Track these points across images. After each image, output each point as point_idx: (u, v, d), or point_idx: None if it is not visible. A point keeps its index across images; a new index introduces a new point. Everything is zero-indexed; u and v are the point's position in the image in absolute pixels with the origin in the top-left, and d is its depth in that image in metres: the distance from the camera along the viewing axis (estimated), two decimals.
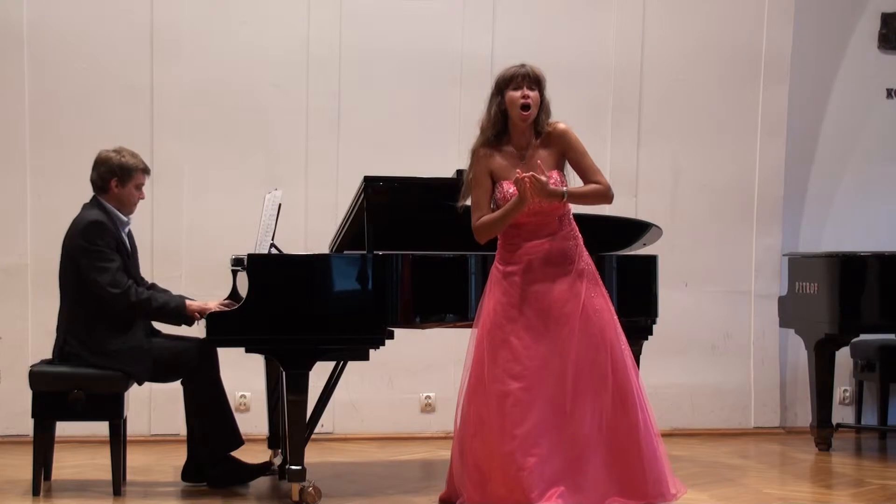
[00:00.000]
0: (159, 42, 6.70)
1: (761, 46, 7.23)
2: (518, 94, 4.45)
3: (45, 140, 6.64)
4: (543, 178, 4.33)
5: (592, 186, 4.50)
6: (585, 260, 4.53)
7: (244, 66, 6.80)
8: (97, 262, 5.02)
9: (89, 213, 5.15)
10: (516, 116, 4.48)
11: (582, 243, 4.56)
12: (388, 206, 5.01)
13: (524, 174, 4.32)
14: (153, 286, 5.35)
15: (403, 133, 6.90)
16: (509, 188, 4.46)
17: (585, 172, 4.52)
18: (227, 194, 6.70)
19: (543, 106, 4.52)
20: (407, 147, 6.83)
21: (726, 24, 7.23)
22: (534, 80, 4.49)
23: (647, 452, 4.42)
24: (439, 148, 6.83)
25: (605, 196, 4.53)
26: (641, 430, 4.42)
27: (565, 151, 4.52)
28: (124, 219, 5.21)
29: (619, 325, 4.51)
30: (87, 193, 6.65)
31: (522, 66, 4.53)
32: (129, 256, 5.20)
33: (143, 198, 5.27)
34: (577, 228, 4.57)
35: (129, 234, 5.27)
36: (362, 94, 6.88)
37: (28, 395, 5.07)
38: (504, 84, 4.50)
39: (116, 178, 5.16)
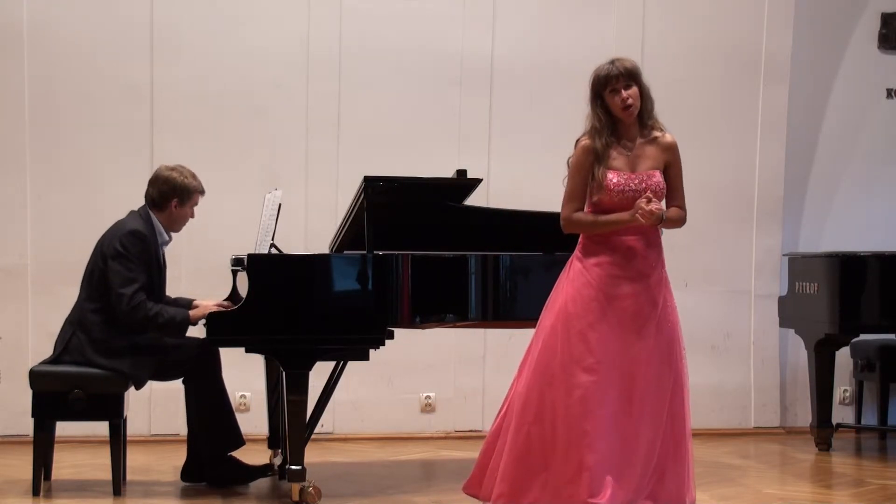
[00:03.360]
0: (159, 42, 6.70)
1: (761, 46, 7.23)
2: (617, 99, 4.41)
3: (45, 140, 6.64)
4: (658, 206, 4.32)
5: (679, 213, 4.52)
6: (665, 267, 4.51)
7: (244, 66, 6.80)
8: (124, 273, 5.03)
9: (134, 222, 5.16)
10: (620, 114, 4.44)
11: (662, 251, 4.55)
12: (389, 206, 5.01)
13: (648, 206, 4.28)
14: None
15: (403, 133, 6.90)
16: (613, 177, 4.41)
17: (674, 192, 4.52)
18: (227, 194, 6.68)
19: (644, 95, 4.48)
20: (407, 147, 6.83)
21: (726, 24, 7.23)
22: (629, 77, 4.42)
23: (684, 466, 4.44)
24: (439, 148, 6.84)
25: (683, 222, 4.57)
26: (685, 444, 4.43)
27: (669, 164, 4.50)
28: (166, 237, 5.25)
29: (682, 335, 4.49)
30: (87, 193, 6.68)
31: (612, 63, 4.44)
32: (158, 273, 5.20)
33: (193, 217, 5.30)
34: (660, 235, 4.56)
35: (164, 254, 5.28)
36: (362, 94, 6.88)
37: (28, 395, 5.07)
38: (600, 87, 4.43)
39: (177, 199, 5.21)
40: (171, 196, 5.20)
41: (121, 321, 5.04)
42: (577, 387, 4.33)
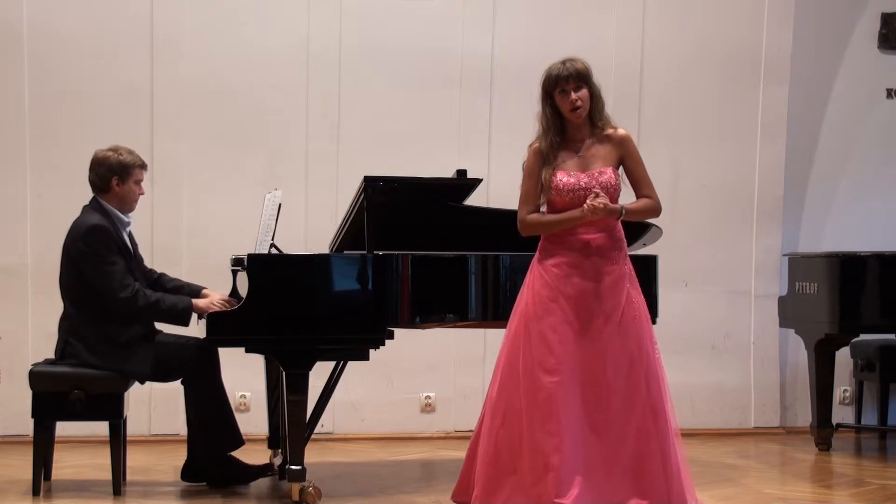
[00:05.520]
0: (159, 42, 6.71)
1: (761, 47, 7.23)
2: (566, 100, 4.43)
3: (45, 140, 6.64)
4: (602, 202, 4.32)
5: (646, 202, 4.52)
6: (629, 263, 4.52)
7: (244, 66, 6.80)
8: (102, 267, 5.02)
9: (90, 217, 5.14)
10: (569, 116, 4.46)
11: (626, 247, 4.55)
12: (389, 206, 5.01)
13: (593, 201, 4.30)
14: (161, 276, 5.37)
15: (403, 133, 6.90)
16: (563, 177, 4.44)
17: (639, 183, 4.53)
18: (227, 194, 6.70)
19: (595, 97, 4.49)
20: (407, 147, 6.83)
21: (726, 25, 7.23)
22: (579, 78, 4.43)
23: (673, 463, 4.42)
24: (439, 148, 6.84)
25: (657, 211, 4.56)
26: (669, 440, 4.42)
27: (623, 157, 4.52)
28: (125, 219, 5.22)
29: (653, 331, 4.51)
30: (88, 193, 6.66)
31: (563, 63, 4.46)
32: (131, 257, 5.20)
33: (142, 193, 5.28)
34: (622, 231, 4.56)
35: (130, 234, 5.28)
36: (362, 94, 6.88)
37: (28, 395, 5.07)
38: (550, 87, 4.47)
39: (116, 176, 5.17)
40: (110, 175, 5.17)
41: (121, 313, 5.04)
42: (541, 388, 4.35)
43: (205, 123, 6.75)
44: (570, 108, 4.44)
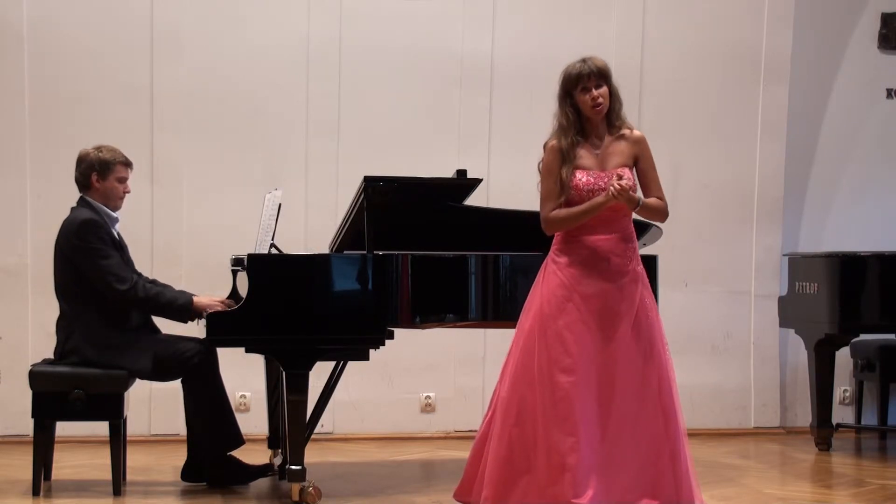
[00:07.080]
0: (159, 42, 6.71)
1: (761, 46, 7.23)
2: (587, 97, 4.43)
3: (45, 140, 6.64)
4: (628, 183, 4.34)
5: (659, 202, 4.52)
6: (640, 264, 4.52)
7: (244, 65, 6.80)
8: (98, 260, 5.04)
9: (80, 213, 5.17)
10: (589, 113, 4.46)
11: (637, 248, 4.55)
12: (389, 206, 5.01)
13: (617, 183, 4.30)
14: (154, 282, 5.37)
15: (403, 133, 6.90)
16: (583, 177, 4.44)
17: (650, 185, 4.54)
18: (227, 194, 6.70)
19: (614, 96, 4.49)
20: (407, 147, 6.84)
21: (726, 25, 7.23)
22: (600, 76, 4.44)
23: (682, 464, 4.43)
24: (439, 148, 6.84)
25: (666, 214, 4.57)
26: (679, 441, 4.43)
27: (638, 157, 4.52)
28: (113, 215, 5.24)
29: (664, 332, 4.50)
30: None
31: (584, 61, 4.46)
32: (121, 252, 5.21)
33: (128, 191, 5.29)
34: (634, 232, 4.56)
35: (119, 233, 5.28)
36: (362, 94, 6.88)
37: (28, 395, 5.07)
38: (571, 86, 4.46)
39: (96, 172, 5.20)
40: (90, 172, 5.21)
41: (120, 306, 5.06)
42: (557, 388, 4.34)
43: (205, 123, 6.75)
44: (591, 105, 4.44)
